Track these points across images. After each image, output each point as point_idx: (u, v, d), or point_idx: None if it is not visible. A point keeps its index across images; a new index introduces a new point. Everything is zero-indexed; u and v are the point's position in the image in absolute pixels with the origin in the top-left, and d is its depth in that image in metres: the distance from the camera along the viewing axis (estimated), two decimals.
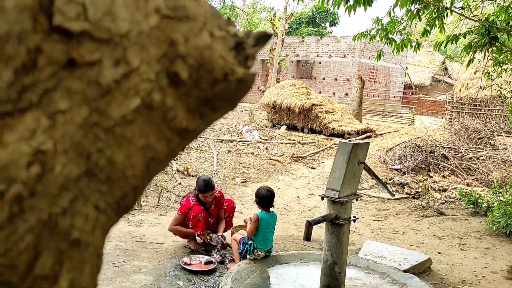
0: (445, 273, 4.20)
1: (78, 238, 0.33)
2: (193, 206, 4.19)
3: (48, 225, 0.31)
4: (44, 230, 0.31)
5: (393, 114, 21.29)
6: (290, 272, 3.83)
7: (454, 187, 8.17)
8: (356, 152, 3.26)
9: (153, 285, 3.52)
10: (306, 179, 8.36)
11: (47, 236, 0.31)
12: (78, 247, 0.33)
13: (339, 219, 3.24)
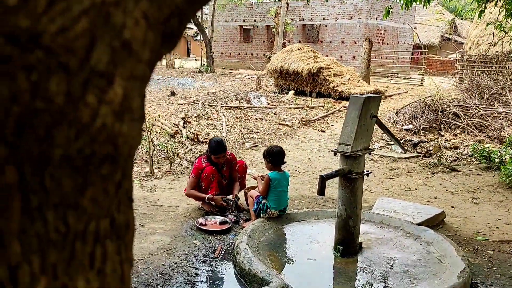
0: (458, 226, 4.21)
1: (129, 41, 0.32)
2: (205, 167, 4.21)
3: (102, 14, 0.30)
4: (98, 17, 0.30)
5: (402, 76, 20.98)
6: (304, 229, 3.87)
7: (466, 144, 8.11)
8: (368, 106, 3.22)
9: (170, 245, 3.59)
10: (316, 142, 8.34)
11: (101, 25, 0.30)
12: (129, 54, 0.32)
13: (352, 173, 3.24)
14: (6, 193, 0.28)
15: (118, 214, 0.36)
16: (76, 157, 0.31)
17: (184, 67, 26.39)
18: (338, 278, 3.15)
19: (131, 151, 0.37)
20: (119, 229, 0.37)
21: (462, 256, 3.20)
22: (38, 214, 0.30)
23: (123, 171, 0.36)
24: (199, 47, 30.14)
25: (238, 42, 28.32)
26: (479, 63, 16.84)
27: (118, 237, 0.37)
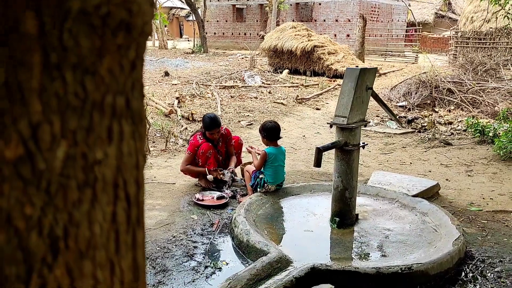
0: (453, 197, 4.26)
1: None
2: (201, 144, 4.21)
3: None
4: None
5: (396, 54, 20.91)
6: (301, 202, 3.90)
7: (460, 120, 8.14)
8: (363, 78, 3.22)
9: (168, 219, 3.61)
10: (311, 119, 8.35)
11: None
12: None
13: (348, 145, 3.25)
14: (27, 45, 0.28)
15: (133, 97, 0.36)
16: (93, 14, 0.31)
17: (177, 48, 26.13)
18: (335, 248, 3.19)
19: (144, 27, 0.36)
20: (133, 113, 0.37)
21: (456, 225, 3.25)
22: (57, 73, 0.30)
23: (137, 49, 0.36)
24: (191, 27, 29.79)
25: (231, 21, 28.02)
26: (473, 39, 16.79)
27: (133, 122, 0.37)
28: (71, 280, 0.33)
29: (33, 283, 0.31)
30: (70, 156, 0.31)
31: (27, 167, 0.29)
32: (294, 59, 14.02)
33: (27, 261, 0.30)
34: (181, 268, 2.90)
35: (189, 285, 2.71)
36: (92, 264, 0.35)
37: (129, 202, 0.38)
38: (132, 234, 0.39)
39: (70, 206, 0.32)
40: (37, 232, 0.30)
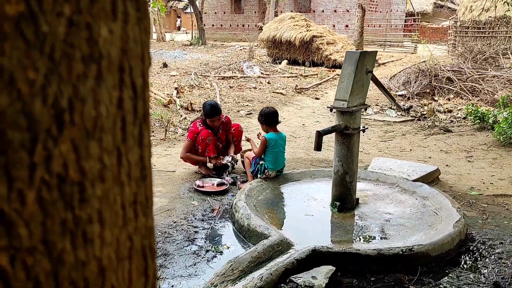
0: (453, 182, 4.27)
1: None
2: (201, 131, 4.20)
3: None
4: None
5: (395, 44, 20.83)
6: (301, 188, 3.90)
7: (459, 108, 8.13)
8: (363, 61, 3.21)
9: (169, 206, 3.61)
10: (310, 108, 8.33)
11: None
12: None
13: (348, 129, 3.24)
14: None
15: None
16: None
17: (175, 40, 26.02)
18: (335, 231, 3.20)
19: None
20: (138, 1, 0.36)
21: (457, 208, 3.25)
22: None
23: None
24: (189, 19, 29.64)
25: (229, 13, 27.87)
26: (472, 28, 16.73)
27: (138, 9, 0.36)
28: (77, 158, 0.33)
29: (37, 153, 0.30)
30: (74, 23, 0.30)
31: (30, 27, 0.28)
32: (292, 50, 13.97)
33: (31, 129, 0.29)
34: (182, 252, 2.90)
35: (190, 268, 2.71)
36: (98, 146, 0.34)
37: (136, 93, 0.37)
38: (139, 129, 0.38)
39: (75, 79, 0.31)
40: (41, 100, 0.29)
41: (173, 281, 2.56)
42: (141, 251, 0.41)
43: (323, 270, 2.52)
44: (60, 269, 0.33)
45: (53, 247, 0.32)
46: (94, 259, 0.35)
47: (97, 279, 0.36)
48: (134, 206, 0.39)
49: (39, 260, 0.32)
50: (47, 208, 0.32)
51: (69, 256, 0.33)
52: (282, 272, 2.50)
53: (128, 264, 0.39)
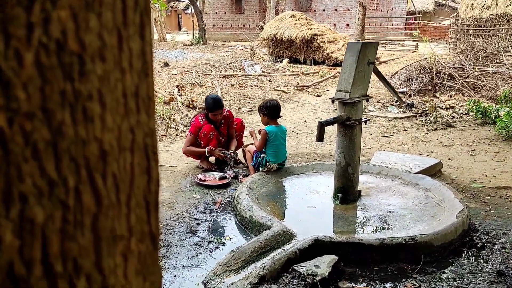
0: (456, 175, 4.25)
1: None
2: (203, 125, 4.20)
3: None
4: None
5: (396, 42, 20.82)
6: (303, 181, 3.89)
7: (461, 105, 8.12)
8: (365, 52, 3.20)
9: (171, 199, 3.60)
10: (312, 105, 8.33)
11: None
12: None
13: (350, 120, 3.23)
14: None
15: None
16: None
17: (176, 40, 26.04)
18: (338, 222, 3.19)
19: None
20: None
21: (460, 199, 3.24)
22: None
23: None
24: (190, 20, 29.66)
25: (230, 13, 27.89)
26: (473, 26, 16.72)
27: None
28: (76, 28, 0.32)
29: (35, 13, 0.29)
30: None
31: None
32: (294, 48, 13.97)
33: None
34: (185, 243, 2.89)
35: (192, 259, 2.70)
36: (98, 21, 0.33)
37: None
38: (140, 18, 0.37)
39: None
40: None
41: (175, 271, 2.56)
42: (143, 149, 0.40)
43: (326, 259, 2.51)
44: (59, 141, 0.32)
45: (52, 116, 0.32)
46: (94, 140, 0.35)
47: (98, 163, 0.35)
48: (136, 98, 0.39)
49: (38, 128, 0.31)
50: (45, 74, 0.31)
51: (68, 130, 0.33)
52: (285, 262, 2.49)
53: (130, 157, 0.39)
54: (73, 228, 0.33)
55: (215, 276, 2.43)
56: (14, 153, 0.30)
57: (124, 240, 0.38)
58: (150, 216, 0.41)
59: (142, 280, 0.40)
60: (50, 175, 0.32)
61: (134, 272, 0.38)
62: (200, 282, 2.43)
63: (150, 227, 0.41)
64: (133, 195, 0.39)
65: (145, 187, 0.41)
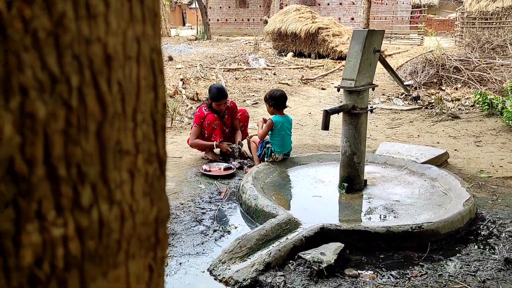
0: (462, 166, 4.22)
1: None
2: (207, 115, 4.18)
3: None
4: None
5: (402, 36, 20.69)
6: (309, 171, 3.88)
7: (467, 97, 8.06)
8: (371, 40, 3.17)
9: (176, 188, 3.60)
10: (316, 98, 8.29)
11: None
12: None
13: (356, 108, 3.21)
14: None
15: None
16: None
17: (180, 35, 26.00)
18: (344, 211, 3.17)
19: None
20: None
21: (467, 187, 3.22)
22: None
23: None
24: (194, 15, 29.62)
25: (234, 7, 27.81)
26: (479, 19, 16.59)
27: None
28: None
29: None
30: None
31: None
32: (298, 42, 13.91)
33: None
34: (190, 232, 2.89)
35: (198, 247, 2.70)
36: None
37: None
38: None
39: None
40: None
41: (181, 259, 2.56)
42: (149, 63, 0.39)
43: (331, 247, 2.50)
44: (61, 35, 0.31)
45: (53, 5, 0.30)
46: (98, 41, 0.34)
47: (102, 67, 0.34)
48: (141, 5, 0.37)
49: (37, 15, 0.30)
50: None
51: (71, 24, 0.32)
52: (290, 249, 2.48)
53: (136, 68, 0.38)
54: (77, 131, 0.32)
55: (220, 263, 2.43)
56: (13, 40, 0.29)
57: (131, 156, 0.37)
58: (158, 137, 0.40)
59: (149, 203, 0.39)
60: (51, 69, 0.30)
61: (142, 193, 0.37)
62: (205, 269, 2.43)
63: (158, 149, 0.40)
64: (139, 110, 0.38)
65: (152, 105, 0.40)
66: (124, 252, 0.37)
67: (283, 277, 2.30)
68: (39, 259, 0.32)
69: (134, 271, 0.39)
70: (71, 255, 0.32)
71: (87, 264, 0.34)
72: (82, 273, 0.34)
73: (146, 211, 0.38)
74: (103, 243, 0.35)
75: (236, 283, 2.27)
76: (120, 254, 0.37)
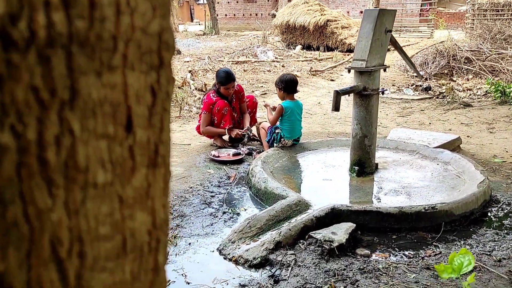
0: (475, 151, 4.15)
1: None
2: (216, 101, 4.14)
3: None
4: None
5: (411, 29, 20.47)
6: (318, 156, 3.83)
7: (479, 87, 7.94)
8: (382, 20, 3.11)
9: (185, 173, 3.57)
10: (326, 89, 8.22)
11: None
12: None
13: (367, 90, 3.15)
14: None
15: None
16: None
17: (188, 31, 25.98)
18: (354, 193, 3.12)
19: None
20: None
21: (481, 170, 3.15)
22: None
23: None
24: (202, 11, 29.55)
25: (242, 2, 27.70)
26: (490, 11, 16.34)
27: None
28: None
29: None
30: None
31: None
32: (306, 35, 13.81)
33: None
34: (199, 214, 2.86)
35: (207, 228, 2.67)
36: None
37: None
38: None
39: None
40: None
41: (190, 239, 2.53)
42: None
43: (343, 227, 2.46)
44: None
45: None
46: None
47: None
48: None
49: None
50: None
51: None
52: (301, 229, 2.44)
53: None
54: None
55: (230, 243, 2.40)
56: None
57: None
58: None
59: (150, 9, 0.34)
60: None
61: None
62: (215, 249, 2.40)
63: None
64: None
65: None
66: (121, 55, 0.33)
67: (294, 255, 2.26)
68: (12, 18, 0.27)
69: (133, 85, 0.35)
70: (55, 29, 0.29)
71: (76, 49, 0.30)
72: (69, 57, 0.30)
73: (147, 16, 0.34)
74: (95, 30, 0.31)
75: (246, 261, 2.24)
76: (116, 55, 0.33)
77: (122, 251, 0.33)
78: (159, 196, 0.38)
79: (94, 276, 0.31)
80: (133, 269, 0.34)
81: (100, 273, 0.31)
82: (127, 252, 0.33)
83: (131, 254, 0.34)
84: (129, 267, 0.34)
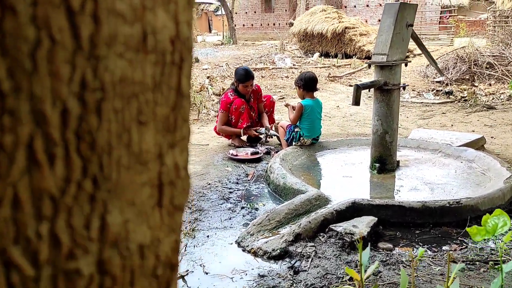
0: (500, 151, 4.03)
1: None
2: (234, 100, 4.13)
3: None
4: None
5: (431, 37, 20.27)
6: (338, 155, 3.77)
7: (502, 92, 7.77)
8: (403, 13, 3.06)
9: (203, 171, 3.56)
10: (344, 94, 8.16)
11: None
12: None
13: (388, 84, 3.10)
14: None
15: None
16: None
17: (206, 41, 26.24)
18: (375, 190, 3.05)
19: None
20: None
21: (507, 167, 3.05)
22: None
23: None
24: (220, 22, 29.85)
25: (260, 12, 27.90)
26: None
27: None
28: None
29: None
30: None
31: None
32: (324, 42, 13.79)
33: None
34: (217, 208, 2.83)
35: (225, 222, 2.64)
36: None
37: None
38: None
39: None
40: None
41: (208, 232, 2.50)
42: None
43: (364, 220, 2.39)
44: None
45: None
46: None
47: None
48: None
49: None
50: None
51: None
52: (321, 221, 2.39)
53: None
54: None
55: (248, 235, 2.36)
56: None
57: None
58: None
59: None
60: None
61: None
62: (233, 242, 2.36)
63: None
64: None
65: None
66: None
67: (314, 247, 2.21)
68: None
69: None
70: None
71: None
72: None
73: None
74: None
75: (265, 253, 2.19)
76: None
77: (142, 45, 0.30)
78: (182, 4, 0.34)
79: (110, 55, 0.28)
80: (154, 74, 0.32)
81: (117, 57, 0.29)
82: (148, 50, 0.30)
83: (151, 54, 0.31)
84: (151, 70, 0.31)
